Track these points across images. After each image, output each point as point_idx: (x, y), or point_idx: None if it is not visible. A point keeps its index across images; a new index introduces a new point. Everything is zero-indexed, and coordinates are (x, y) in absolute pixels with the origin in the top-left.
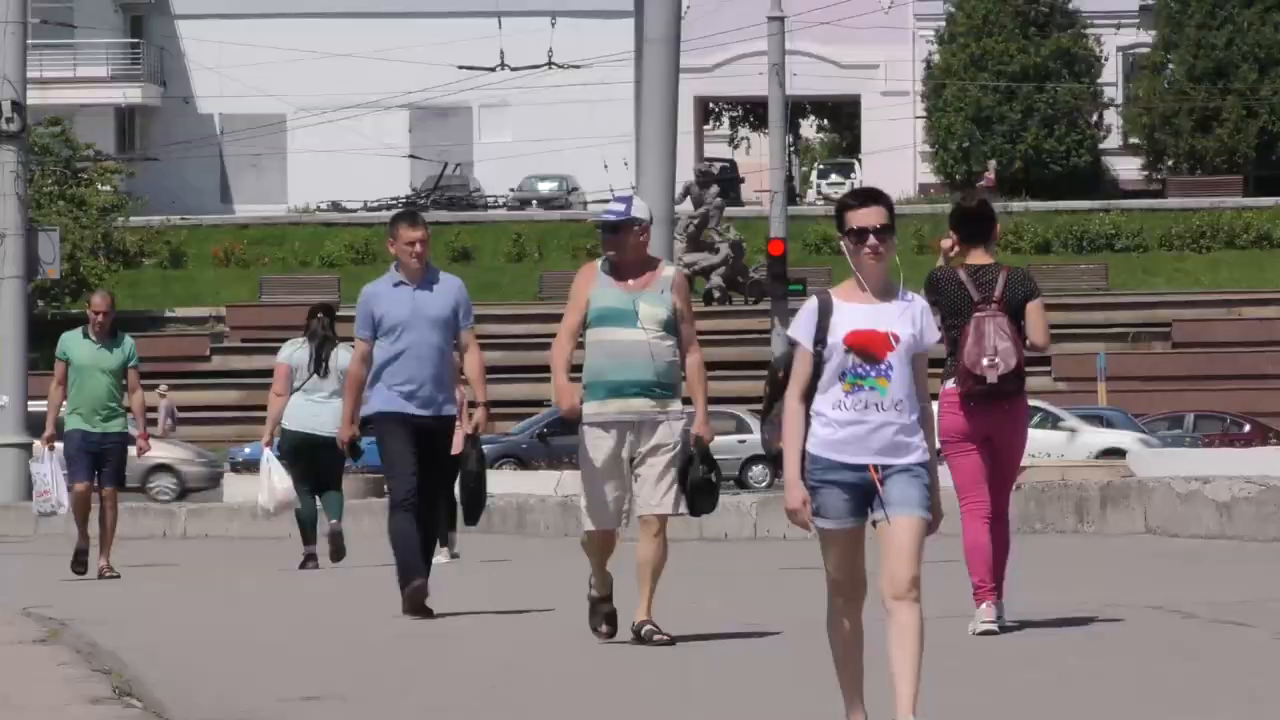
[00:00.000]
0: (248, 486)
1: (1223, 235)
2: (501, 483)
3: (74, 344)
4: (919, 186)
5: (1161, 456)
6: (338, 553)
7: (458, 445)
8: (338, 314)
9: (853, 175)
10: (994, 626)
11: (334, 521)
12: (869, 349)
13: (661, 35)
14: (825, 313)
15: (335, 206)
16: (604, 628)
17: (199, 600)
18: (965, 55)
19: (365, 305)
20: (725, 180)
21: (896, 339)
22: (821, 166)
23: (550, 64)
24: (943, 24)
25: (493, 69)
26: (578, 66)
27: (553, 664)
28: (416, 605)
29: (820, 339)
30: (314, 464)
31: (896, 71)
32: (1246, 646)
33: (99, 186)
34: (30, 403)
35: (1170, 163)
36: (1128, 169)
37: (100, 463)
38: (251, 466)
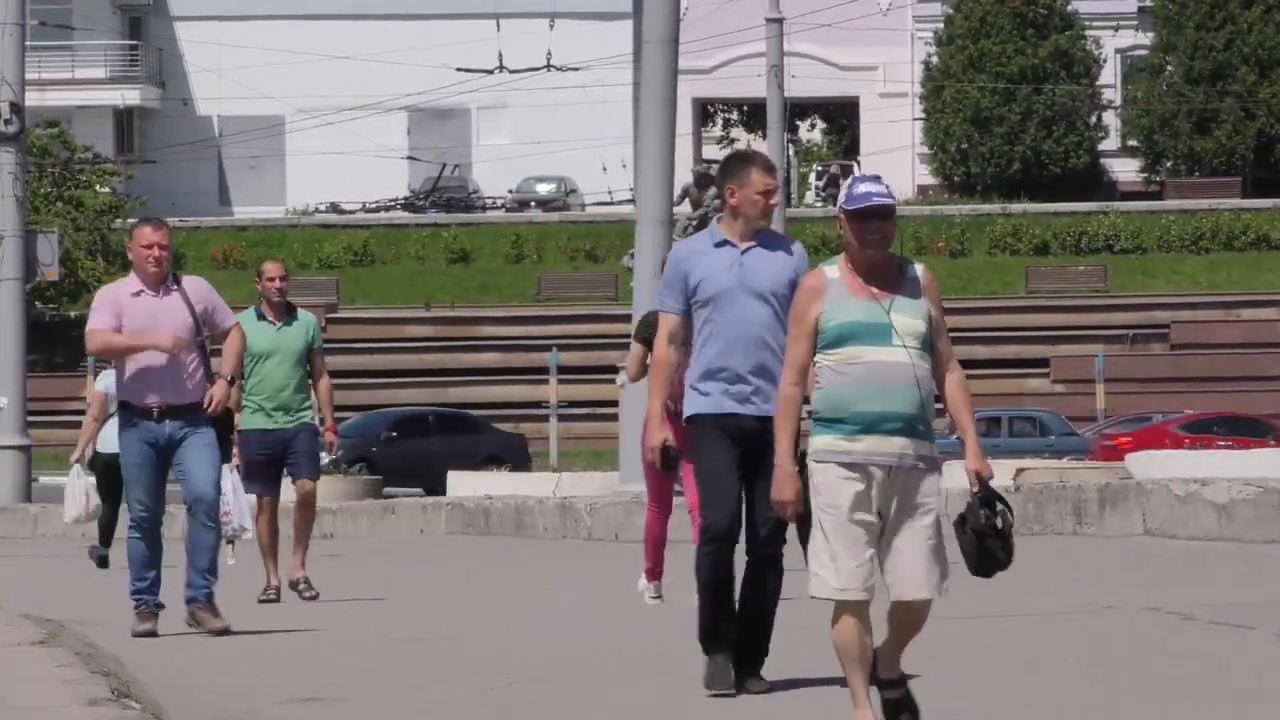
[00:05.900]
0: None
1: (1221, 237)
2: (499, 485)
3: (249, 328)
4: (917, 188)
5: (1160, 458)
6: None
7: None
8: (334, 314)
9: (853, 177)
10: (660, 600)
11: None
12: None
13: (660, 37)
14: None
15: (334, 208)
16: None
17: None
18: (963, 57)
19: (676, 268)
20: None
21: None
22: (820, 168)
23: (548, 66)
24: (941, 25)
25: (491, 71)
26: (576, 68)
27: (553, 664)
28: (715, 683)
29: None
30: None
31: (895, 73)
32: (1246, 648)
33: (97, 188)
34: (30, 404)
35: (1169, 164)
36: (1126, 171)
37: (288, 456)
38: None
